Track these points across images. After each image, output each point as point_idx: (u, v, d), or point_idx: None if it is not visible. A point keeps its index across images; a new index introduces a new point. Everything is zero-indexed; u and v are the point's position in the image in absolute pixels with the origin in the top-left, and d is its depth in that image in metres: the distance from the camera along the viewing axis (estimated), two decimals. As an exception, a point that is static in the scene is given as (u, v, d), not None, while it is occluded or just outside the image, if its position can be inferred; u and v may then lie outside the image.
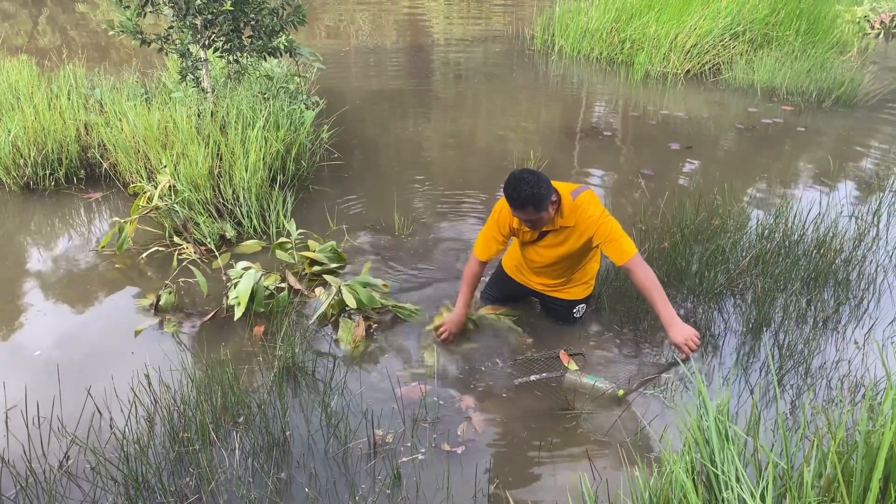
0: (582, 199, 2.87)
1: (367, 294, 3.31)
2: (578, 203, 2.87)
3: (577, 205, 2.87)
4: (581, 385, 2.93)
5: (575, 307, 3.26)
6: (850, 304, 3.48)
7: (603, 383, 2.90)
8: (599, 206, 2.90)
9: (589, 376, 2.95)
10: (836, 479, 1.80)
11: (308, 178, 4.84)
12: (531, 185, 2.65)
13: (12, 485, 2.35)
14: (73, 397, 2.78)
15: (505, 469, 2.54)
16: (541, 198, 2.68)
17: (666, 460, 2.08)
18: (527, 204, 2.69)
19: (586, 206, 2.86)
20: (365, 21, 11.53)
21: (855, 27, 9.67)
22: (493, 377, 3.01)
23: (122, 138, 4.50)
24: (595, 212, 2.86)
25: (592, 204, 2.88)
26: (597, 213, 2.86)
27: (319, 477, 2.46)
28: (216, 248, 3.93)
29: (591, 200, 2.89)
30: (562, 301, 3.25)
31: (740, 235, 3.93)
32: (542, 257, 3.07)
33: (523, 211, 2.73)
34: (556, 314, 3.33)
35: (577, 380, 2.95)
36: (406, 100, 7.22)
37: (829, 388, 2.91)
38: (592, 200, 2.89)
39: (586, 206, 2.86)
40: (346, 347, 3.18)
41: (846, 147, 5.98)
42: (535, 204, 2.69)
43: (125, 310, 3.48)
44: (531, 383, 2.97)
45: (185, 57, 4.77)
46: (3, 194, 4.62)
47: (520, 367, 3.06)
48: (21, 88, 5.17)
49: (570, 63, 8.53)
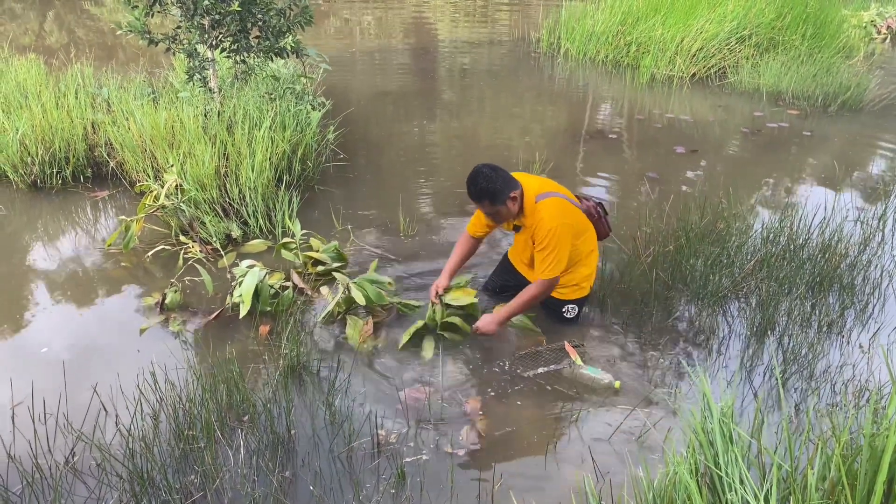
0: (543, 205, 2.94)
1: (376, 291, 3.35)
2: (539, 207, 2.95)
3: (537, 209, 2.95)
4: (580, 376, 2.95)
5: (563, 307, 3.29)
6: (855, 309, 3.48)
7: (600, 374, 2.94)
8: (558, 219, 2.93)
9: (588, 367, 2.98)
10: (840, 483, 1.80)
11: (314, 178, 4.86)
12: (487, 179, 2.85)
13: (19, 480, 2.37)
14: (79, 394, 2.80)
15: (509, 469, 2.55)
16: (495, 192, 2.86)
17: (670, 462, 2.08)
18: (482, 197, 2.89)
19: (544, 213, 2.93)
20: (371, 22, 11.55)
21: (861, 32, 9.66)
22: (497, 377, 3.02)
23: (129, 137, 4.52)
24: (550, 223, 2.91)
25: (551, 214, 2.93)
26: (551, 224, 2.91)
27: (324, 475, 2.46)
28: (222, 248, 3.94)
29: (553, 209, 2.94)
30: (551, 299, 3.28)
31: (745, 239, 3.93)
32: (520, 250, 3.29)
33: (479, 203, 2.93)
34: (548, 311, 3.37)
35: (577, 371, 2.97)
36: (411, 101, 7.24)
37: (833, 391, 2.91)
38: (555, 210, 2.95)
39: (544, 213, 2.93)
40: (354, 344, 3.19)
41: (852, 151, 5.97)
42: (489, 197, 2.88)
43: (131, 308, 3.49)
44: (539, 375, 2.99)
45: (192, 57, 4.79)
46: (11, 192, 4.64)
47: (525, 360, 3.08)
48: (29, 87, 5.20)
49: (576, 66, 8.54)
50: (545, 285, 3.03)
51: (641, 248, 3.88)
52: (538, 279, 3.02)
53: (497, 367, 3.08)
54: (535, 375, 3.00)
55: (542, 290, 3.05)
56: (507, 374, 3.03)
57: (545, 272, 2.98)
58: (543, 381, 2.98)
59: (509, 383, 2.98)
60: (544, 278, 3.00)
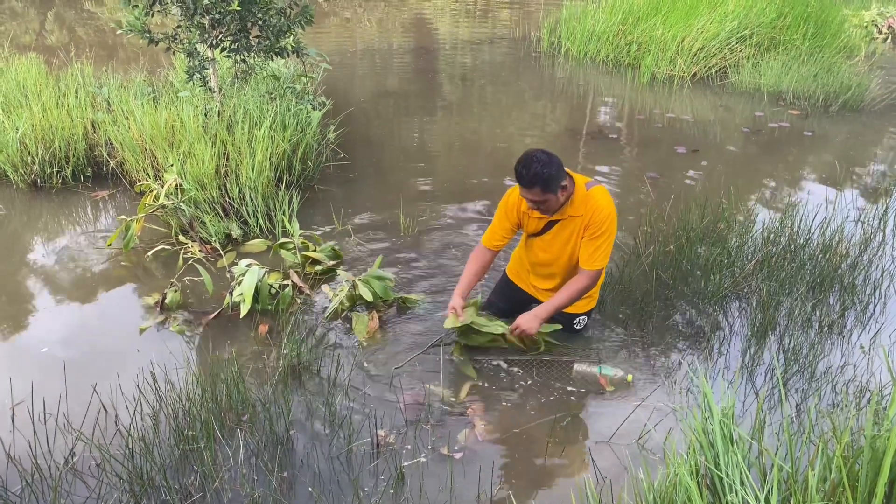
0: (595, 191, 2.83)
1: (382, 286, 3.38)
2: (591, 194, 2.82)
3: (590, 195, 2.82)
4: (588, 374, 2.95)
5: (575, 319, 3.21)
6: (856, 309, 3.47)
7: (612, 371, 2.93)
8: (612, 205, 2.85)
9: (597, 366, 2.97)
10: (841, 484, 1.80)
11: (314, 177, 4.85)
12: (542, 163, 2.63)
13: (18, 481, 2.36)
14: (79, 394, 2.79)
15: (508, 470, 2.54)
16: (550, 178, 2.64)
17: (670, 463, 2.08)
18: (535, 183, 2.65)
19: (599, 197, 2.82)
20: (372, 22, 11.55)
21: (862, 32, 9.65)
22: (497, 378, 3.01)
23: (129, 137, 4.51)
24: (608, 208, 2.81)
25: (606, 198, 2.83)
26: (609, 209, 2.81)
27: (323, 476, 2.46)
28: (222, 247, 3.94)
29: (605, 195, 2.85)
30: (561, 314, 3.19)
31: (746, 239, 3.93)
32: (546, 252, 3.02)
33: (530, 190, 2.70)
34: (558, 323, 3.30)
35: (585, 370, 2.96)
36: (412, 100, 7.23)
37: (834, 392, 2.91)
38: (607, 196, 2.86)
39: (599, 197, 2.82)
40: (361, 339, 3.21)
41: (853, 151, 5.96)
42: (542, 184, 2.65)
43: (131, 308, 3.49)
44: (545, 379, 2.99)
45: (192, 56, 4.78)
46: (11, 192, 4.64)
47: (528, 368, 3.07)
48: (29, 86, 5.19)
49: (577, 65, 8.53)
50: (592, 277, 2.88)
51: (642, 248, 3.88)
52: (586, 269, 2.86)
53: (497, 367, 3.07)
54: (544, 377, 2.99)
55: (589, 282, 2.89)
56: (507, 375, 3.03)
57: (597, 261, 2.84)
58: (545, 382, 2.98)
59: (509, 384, 2.97)
60: (594, 268, 2.85)
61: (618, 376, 2.94)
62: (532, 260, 3.14)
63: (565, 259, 2.99)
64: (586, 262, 2.86)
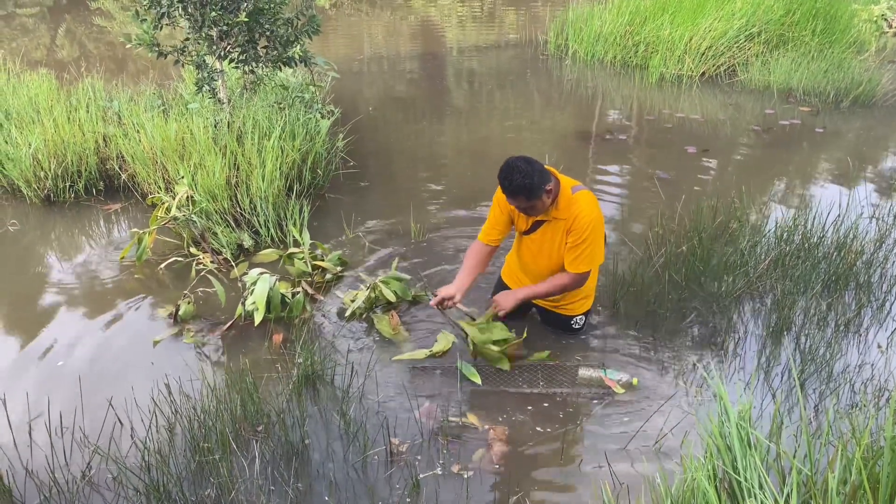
0: (580, 196, 2.87)
1: (402, 287, 3.46)
2: (576, 198, 2.87)
3: (574, 200, 2.87)
4: (594, 379, 2.93)
5: (572, 320, 3.25)
6: (872, 307, 3.44)
7: (618, 374, 2.92)
8: (596, 211, 2.88)
9: (602, 370, 2.96)
10: (861, 486, 1.78)
11: (324, 186, 4.87)
12: (523, 174, 2.70)
13: (36, 494, 2.38)
14: (95, 407, 2.81)
15: (525, 478, 2.53)
16: (532, 187, 2.72)
17: (687, 467, 2.06)
18: (518, 193, 2.75)
19: (583, 204, 2.86)
20: (378, 29, 11.58)
21: (872, 26, 9.56)
22: (511, 386, 3.00)
23: (140, 150, 4.55)
24: (590, 214, 2.84)
25: (590, 205, 2.87)
26: (591, 215, 2.85)
27: (339, 485, 2.46)
28: (234, 258, 3.96)
29: (589, 201, 2.89)
30: (558, 315, 3.25)
31: (759, 238, 3.90)
32: (534, 251, 3.08)
33: (514, 199, 2.80)
34: (556, 326, 3.32)
35: (590, 374, 2.95)
36: (420, 107, 7.24)
37: (852, 392, 2.87)
38: (592, 201, 2.90)
39: (583, 204, 2.86)
40: (387, 336, 3.27)
41: (865, 147, 5.91)
42: (525, 193, 2.74)
43: (145, 320, 3.51)
44: (538, 391, 2.97)
45: (201, 68, 4.81)
46: (25, 207, 4.68)
47: (533, 374, 3.06)
48: (41, 102, 5.24)
49: (585, 67, 8.51)
50: (576, 279, 2.95)
51: (653, 250, 3.86)
52: (569, 272, 2.93)
53: (512, 377, 3.06)
54: (533, 391, 2.96)
55: (572, 283, 2.97)
56: (522, 385, 3.01)
57: (580, 265, 2.90)
58: (553, 392, 2.96)
59: (524, 395, 2.96)
60: (578, 271, 2.92)
61: (623, 380, 2.92)
62: (523, 259, 3.20)
63: (553, 259, 3.03)
64: (569, 265, 2.95)
